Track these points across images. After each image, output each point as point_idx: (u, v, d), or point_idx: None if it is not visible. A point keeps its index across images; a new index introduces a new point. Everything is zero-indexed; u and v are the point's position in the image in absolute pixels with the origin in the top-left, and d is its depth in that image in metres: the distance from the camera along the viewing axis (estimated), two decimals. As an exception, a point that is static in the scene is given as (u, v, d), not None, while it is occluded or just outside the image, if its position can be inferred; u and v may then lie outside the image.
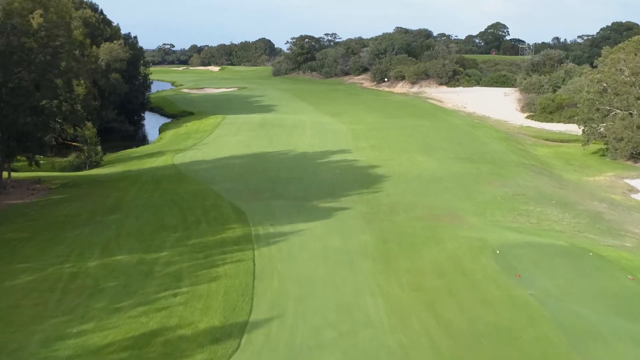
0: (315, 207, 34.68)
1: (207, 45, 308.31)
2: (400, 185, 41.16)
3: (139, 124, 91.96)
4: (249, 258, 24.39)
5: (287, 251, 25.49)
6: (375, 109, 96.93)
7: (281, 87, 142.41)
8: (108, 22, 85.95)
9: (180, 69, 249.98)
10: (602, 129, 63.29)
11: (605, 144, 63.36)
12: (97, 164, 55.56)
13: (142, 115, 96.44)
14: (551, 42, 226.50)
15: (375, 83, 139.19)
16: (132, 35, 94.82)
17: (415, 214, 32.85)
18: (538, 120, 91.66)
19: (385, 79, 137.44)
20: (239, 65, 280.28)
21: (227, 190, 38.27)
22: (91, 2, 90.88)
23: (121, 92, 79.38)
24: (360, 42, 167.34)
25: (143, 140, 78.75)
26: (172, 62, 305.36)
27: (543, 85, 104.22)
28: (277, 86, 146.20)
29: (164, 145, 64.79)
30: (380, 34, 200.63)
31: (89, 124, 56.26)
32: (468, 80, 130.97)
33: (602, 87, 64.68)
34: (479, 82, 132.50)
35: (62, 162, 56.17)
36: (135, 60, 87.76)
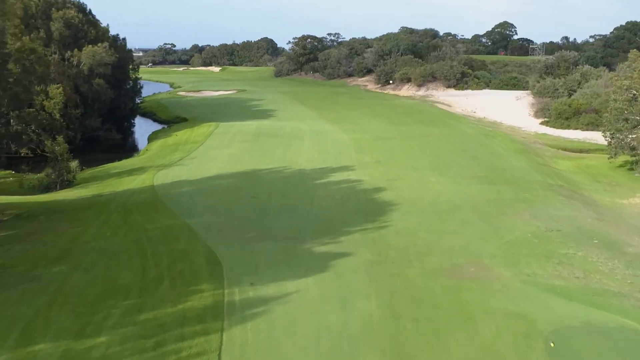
0: (309, 252, 28.14)
1: (209, 45, 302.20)
2: (411, 218, 34.56)
3: (128, 132, 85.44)
4: (214, 349, 17.88)
5: (267, 335, 18.97)
6: (380, 115, 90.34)
7: (282, 89, 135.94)
8: (94, 23, 79.40)
9: (181, 69, 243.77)
10: (631, 141, 56.76)
11: (634, 156, 56.80)
12: (70, 183, 49.11)
13: (133, 122, 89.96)
14: (560, 42, 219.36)
15: (379, 85, 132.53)
16: (122, 36, 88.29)
17: (431, 265, 26.30)
18: (554, 127, 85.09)
19: (391, 81, 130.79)
20: (241, 65, 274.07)
21: (205, 227, 31.73)
22: (78, 2, 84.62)
23: (106, 99, 72.98)
24: (364, 43, 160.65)
25: (131, 151, 72.12)
26: (173, 62, 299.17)
27: (558, 89, 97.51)
28: (278, 88, 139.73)
29: (149, 159, 58.36)
30: (385, 33, 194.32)
31: (60, 138, 49.83)
32: (477, 83, 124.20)
33: (631, 95, 58.02)
34: (488, 85, 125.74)
35: (32, 180, 49.78)
36: (123, 64, 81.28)
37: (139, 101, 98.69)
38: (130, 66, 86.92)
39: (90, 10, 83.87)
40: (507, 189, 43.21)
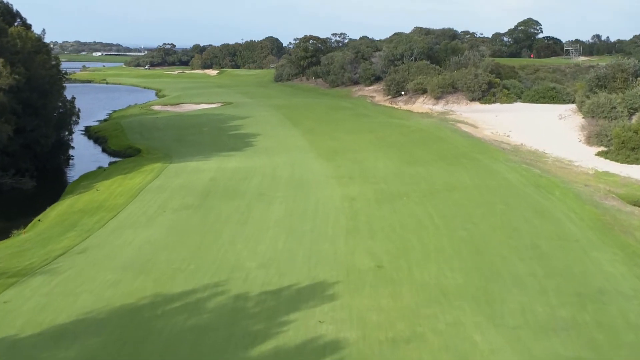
0: None
1: (211, 45, 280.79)
2: None
3: (52, 176, 63.18)
4: None
5: None
6: (389, 145, 68.23)
7: (275, 101, 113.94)
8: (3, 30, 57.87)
9: (175, 72, 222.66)
10: None
11: None
12: None
13: (64, 157, 68.19)
14: (591, 40, 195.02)
15: (389, 97, 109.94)
16: (55, 44, 67.06)
17: None
18: (616, 160, 63.35)
19: (402, 92, 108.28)
20: (244, 66, 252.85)
21: None
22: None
23: (5, 133, 51.40)
24: (372, 45, 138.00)
25: (38, 208, 50.20)
26: (172, 64, 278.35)
27: (615, 107, 74.78)
28: (271, 100, 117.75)
29: (20, 245, 36.74)
30: (396, 32, 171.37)
31: None
32: (507, 95, 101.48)
33: None
34: (520, 97, 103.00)
35: None
36: (44, 83, 59.61)
37: (81, 128, 77.07)
38: (61, 83, 65.14)
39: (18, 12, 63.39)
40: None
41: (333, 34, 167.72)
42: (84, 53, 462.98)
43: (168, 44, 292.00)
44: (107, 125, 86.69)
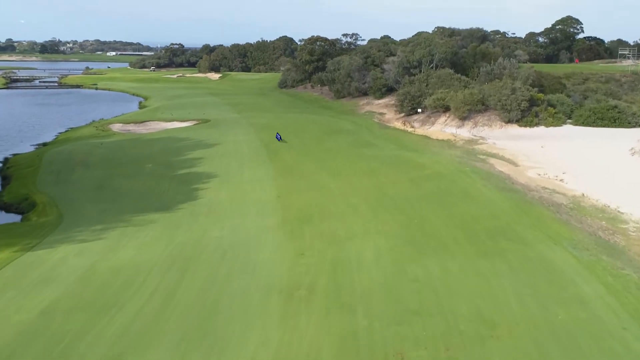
0: None
1: (221, 45, 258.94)
2: None
3: None
4: None
5: None
6: (391, 203, 45.32)
7: (264, 117, 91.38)
8: None
9: (175, 76, 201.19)
10: None
11: None
12: None
13: None
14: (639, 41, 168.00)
15: (402, 116, 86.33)
16: None
17: None
18: None
19: (419, 110, 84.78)
20: (254, 68, 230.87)
21: None
22: None
23: None
24: (385, 49, 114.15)
25: None
26: (180, 65, 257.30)
27: None
28: (261, 115, 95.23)
29: None
30: (419, 31, 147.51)
31: None
32: (553, 115, 77.41)
33: None
34: (570, 116, 78.94)
35: None
36: None
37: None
38: None
39: None
40: None
41: (344, 35, 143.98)
42: (98, 53, 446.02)
43: (176, 44, 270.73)
44: (28, 158, 65.23)
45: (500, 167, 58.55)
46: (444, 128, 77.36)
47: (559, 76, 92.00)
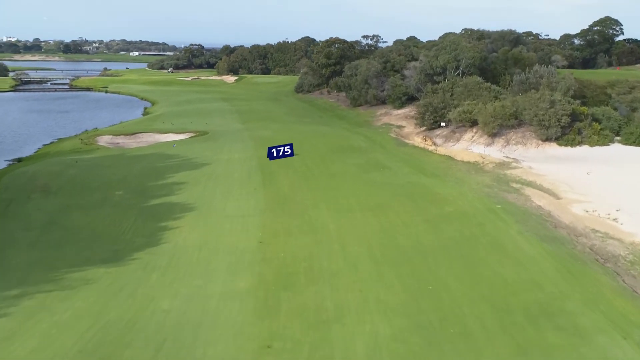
0: None
1: (241, 46, 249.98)
2: None
3: None
4: None
5: None
6: (399, 258, 34.95)
7: (270, 129, 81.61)
8: None
9: (189, 79, 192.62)
10: None
11: None
12: None
13: None
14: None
15: (423, 130, 75.48)
16: None
17: None
18: None
19: (442, 124, 73.91)
20: (274, 69, 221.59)
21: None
22: None
23: None
24: (407, 52, 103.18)
25: None
26: (199, 66, 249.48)
27: None
28: (267, 126, 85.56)
29: None
30: (447, 32, 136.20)
31: None
32: (599, 132, 66.00)
33: None
34: (618, 133, 67.49)
35: None
36: None
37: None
38: None
39: None
40: None
41: (364, 36, 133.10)
42: (122, 53, 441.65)
43: (195, 44, 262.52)
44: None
45: (538, 201, 47.69)
46: (470, 146, 66.46)
47: (603, 85, 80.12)
